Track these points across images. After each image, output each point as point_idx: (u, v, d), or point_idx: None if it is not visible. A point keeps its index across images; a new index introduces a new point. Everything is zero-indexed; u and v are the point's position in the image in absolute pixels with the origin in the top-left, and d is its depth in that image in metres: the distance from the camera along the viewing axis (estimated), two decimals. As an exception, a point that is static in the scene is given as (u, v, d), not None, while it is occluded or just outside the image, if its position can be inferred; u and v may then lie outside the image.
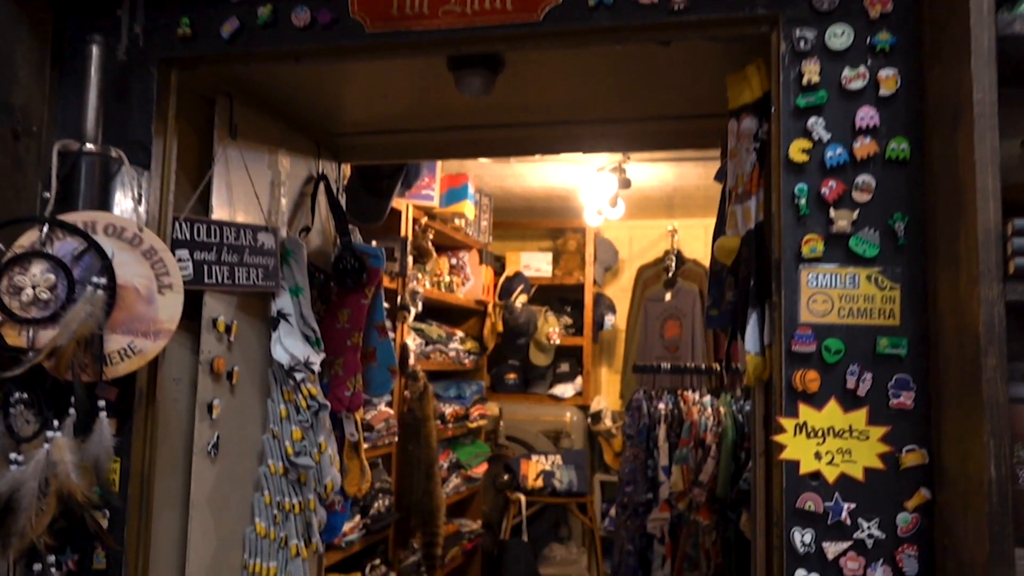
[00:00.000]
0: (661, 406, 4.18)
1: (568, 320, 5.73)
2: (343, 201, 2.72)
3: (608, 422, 5.61)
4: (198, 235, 2.10)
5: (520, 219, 5.87)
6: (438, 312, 5.02)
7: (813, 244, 1.62)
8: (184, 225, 2.07)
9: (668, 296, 5.55)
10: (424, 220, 4.49)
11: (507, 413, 5.62)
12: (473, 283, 5.23)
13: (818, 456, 1.59)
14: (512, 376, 5.75)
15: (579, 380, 5.71)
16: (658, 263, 5.68)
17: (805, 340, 1.61)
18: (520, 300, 5.41)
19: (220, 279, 2.14)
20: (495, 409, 5.57)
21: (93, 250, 1.79)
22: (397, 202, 4.09)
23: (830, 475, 1.59)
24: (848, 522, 1.57)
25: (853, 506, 1.58)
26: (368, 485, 2.66)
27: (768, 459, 1.80)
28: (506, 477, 5.30)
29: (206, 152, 2.18)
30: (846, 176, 1.63)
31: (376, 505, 4.01)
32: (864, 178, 1.62)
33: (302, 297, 2.34)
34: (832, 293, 1.62)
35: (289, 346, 2.28)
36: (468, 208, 4.69)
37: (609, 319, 5.66)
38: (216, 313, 2.17)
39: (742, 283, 1.82)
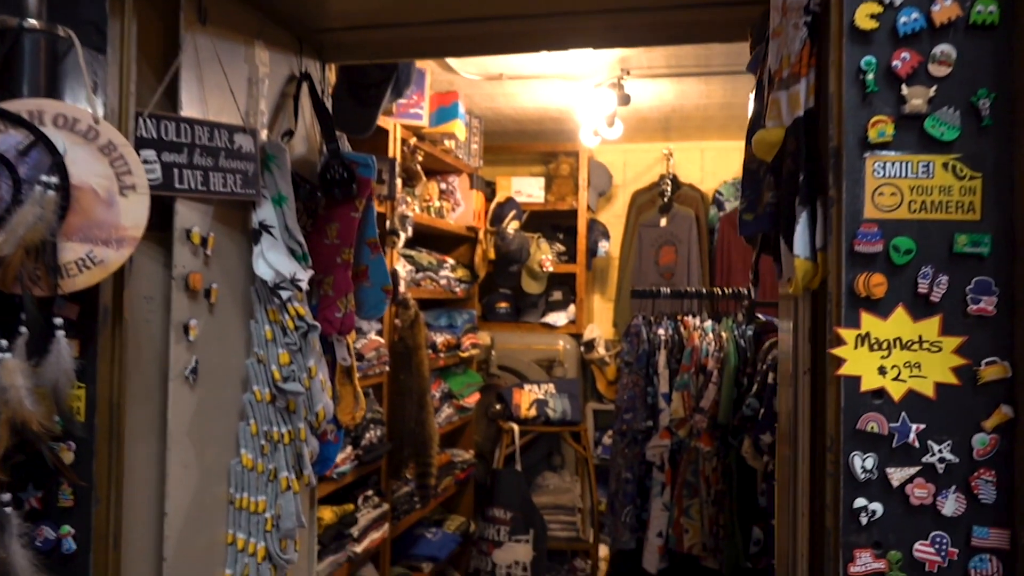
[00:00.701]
0: (661, 332, 3.96)
1: (561, 247, 5.47)
2: (329, 106, 2.43)
3: (601, 350, 5.40)
4: (166, 134, 1.82)
5: (511, 142, 5.56)
6: (428, 239, 4.76)
7: (881, 127, 1.36)
8: (149, 122, 1.79)
9: (663, 222, 5.30)
10: (413, 141, 4.19)
11: (499, 342, 5.40)
12: (464, 209, 4.96)
13: (882, 371, 1.36)
14: (504, 305, 5.52)
15: (572, 308, 5.49)
16: (653, 188, 5.41)
17: (870, 239, 1.36)
18: (512, 226, 5.14)
19: (193, 185, 1.86)
20: (487, 338, 5.35)
21: (41, 144, 1.51)
22: (384, 121, 3.78)
23: (896, 392, 1.36)
24: (916, 445, 1.36)
25: (922, 427, 1.36)
26: (362, 413, 2.43)
27: (814, 378, 1.57)
28: (498, 407, 5.11)
29: (172, 41, 1.88)
30: (922, 46, 1.37)
31: (368, 436, 3.81)
32: (943, 48, 1.36)
33: (286, 207, 2.07)
34: (901, 184, 1.37)
35: (273, 261, 2.02)
36: (459, 128, 4.39)
37: (603, 246, 5.41)
38: (190, 223, 1.89)
39: (787, 179, 1.57)
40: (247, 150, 1.99)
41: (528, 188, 5.40)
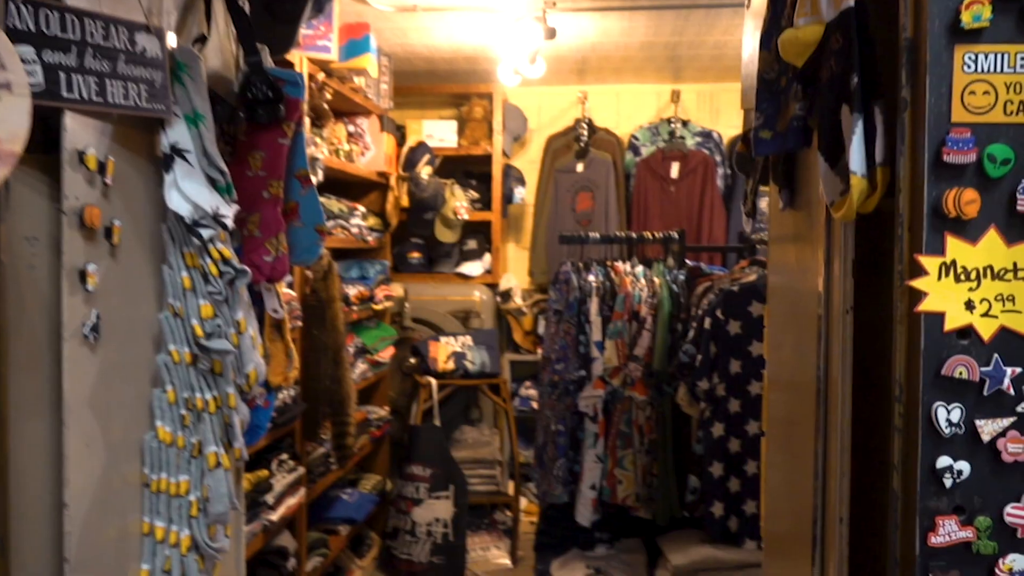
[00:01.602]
0: (591, 278, 3.70)
1: (475, 194, 5.12)
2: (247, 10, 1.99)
3: (518, 300, 5.12)
4: (48, 26, 1.37)
5: (421, 83, 5.13)
6: (337, 185, 4.32)
7: (977, 9, 1.09)
8: (25, 9, 1.34)
9: (580, 167, 5.02)
10: (321, 77, 3.72)
11: (413, 294, 5.03)
12: (374, 153, 4.52)
13: (969, 306, 1.11)
14: (416, 255, 5.14)
15: (487, 257, 5.16)
16: (569, 132, 5.12)
17: (962, 146, 1.10)
18: (426, 172, 4.75)
19: (85, 94, 1.43)
20: (400, 290, 4.98)
21: None
22: (290, 53, 3.31)
23: (985, 331, 1.12)
24: (1011, 392, 1.12)
25: (1018, 371, 1.11)
26: (296, 373, 2.05)
27: (858, 317, 1.31)
28: (414, 361, 4.76)
29: (52, -92, 1.42)
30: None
31: (280, 396, 3.41)
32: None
33: (203, 127, 1.65)
34: (996, 81, 1.11)
35: (190, 192, 1.60)
36: (370, 63, 3.95)
37: (518, 192, 5.09)
38: (83, 143, 1.46)
39: (830, 85, 1.28)
40: (152, 54, 1.56)
41: (440, 132, 5.01)
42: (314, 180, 3.48)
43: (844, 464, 1.32)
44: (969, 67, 1.11)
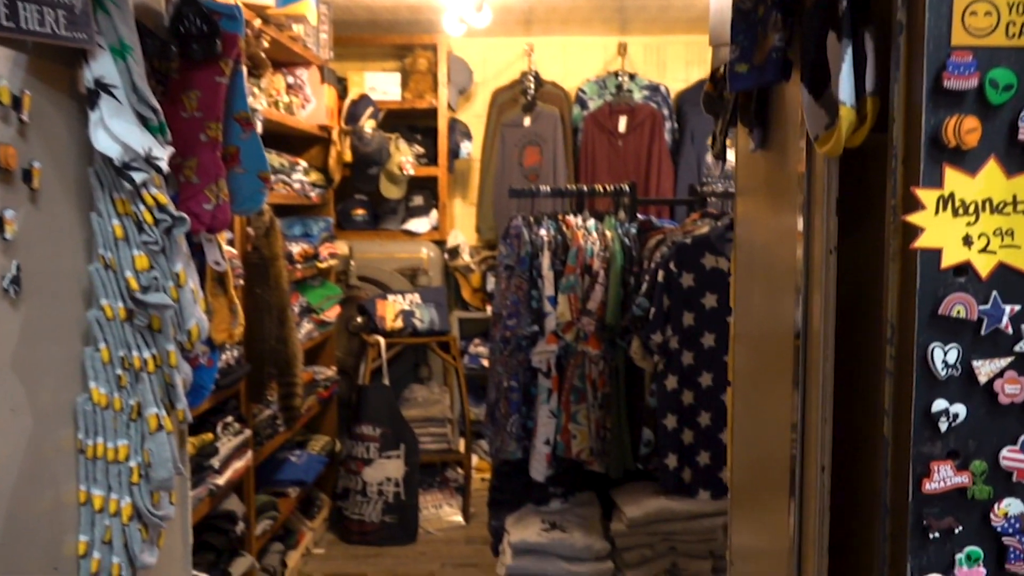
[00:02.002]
0: (543, 232, 3.60)
1: (420, 148, 4.95)
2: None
3: (466, 257, 5.00)
4: (-53, -62, 1.20)
5: (362, 33, 4.91)
6: (277, 139, 4.11)
7: (980, -77, 1.01)
8: (-82, -84, 1.16)
9: (527, 121, 4.89)
10: (258, 23, 3.51)
11: (358, 252, 4.87)
12: (315, 106, 4.32)
13: (967, 241, 1.05)
14: (361, 212, 4.97)
15: (434, 214, 5.02)
16: (515, 85, 4.97)
17: (963, 71, 1.02)
18: (369, 126, 4.56)
19: (-5, 17, 1.25)
20: (345, 248, 4.81)
21: None
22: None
23: (983, 267, 1.05)
24: (1009, 331, 1.06)
25: (1017, 309, 1.05)
26: (242, 330, 1.91)
27: (841, 258, 1.24)
28: (361, 320, 4.62)
29: None
30: None
31: (224, 357, 3.25)
32: None
33: (131, 60, 1.48)
34: (998, 0, 1.02)
35: (119, 132, 1.44)
36: (309, 9, 3.75)
37: (465, 147, 4.95)
38: (-6, 75, 1.29)
39: (817, 10, 1.19)
40: (72, -23, 1.39)
41: (383, 85, 4.81)
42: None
43: (827, 411, 1.26)
44: (970, -16, 1.03)
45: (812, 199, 1.29)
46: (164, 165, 1.50)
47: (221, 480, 3.20)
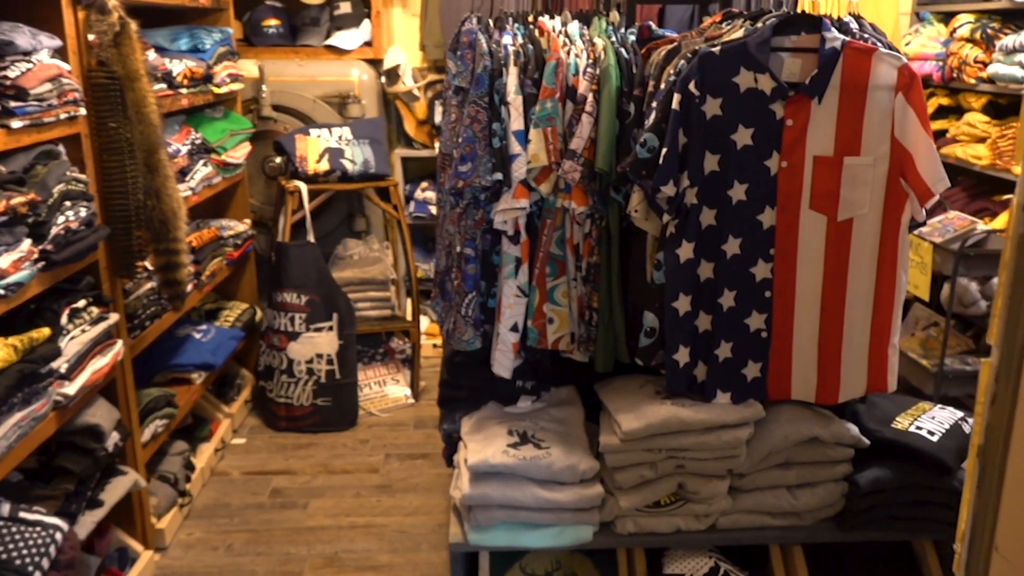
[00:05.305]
0: (507, 40, 2.36)
1: (345, -64, 3.57)
2: None
3: (408, 81, 3.74)
4: None
5: None
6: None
7: None
8: None
9: (483, -101, 3.50)
10: None
11: (272, 74, 3.59)
12: None
13: None
14: (273, 22, 3.63)
15: (366, 25, 3.70)
16: None
17: None
18: None
19: None
20: (253, 69, 3.52)
21: None
22: None
23: None
24: None
25: None
26: None
27: None
28: (278, 160, 3.42)
29: None
30: None
31: (63, 220, 2.12)
32: None
33: None
34: None
35: None
36: None
37: (403, -66, 3.57)
38: None
39: None
40: None
41: None
42: None
43: None
44: None
45: None
46: None
47: (73, 388, 2.16)
